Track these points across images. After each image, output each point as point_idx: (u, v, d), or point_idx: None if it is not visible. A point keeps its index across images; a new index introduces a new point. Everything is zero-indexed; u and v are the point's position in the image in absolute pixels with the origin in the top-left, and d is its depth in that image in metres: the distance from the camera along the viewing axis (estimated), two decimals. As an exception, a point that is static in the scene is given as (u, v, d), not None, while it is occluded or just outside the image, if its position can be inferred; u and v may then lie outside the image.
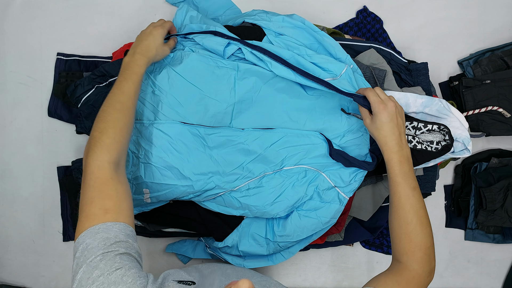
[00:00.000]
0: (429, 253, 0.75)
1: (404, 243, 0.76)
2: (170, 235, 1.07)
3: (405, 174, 0.78)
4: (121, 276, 0.58)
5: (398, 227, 0.78)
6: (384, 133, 0.80)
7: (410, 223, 0.76)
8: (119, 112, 0.75)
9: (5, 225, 1.13)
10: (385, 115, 0.79)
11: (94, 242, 0.60)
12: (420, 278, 0.73)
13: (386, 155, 0.80)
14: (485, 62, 1.13)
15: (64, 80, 1.11)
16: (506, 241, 1.17)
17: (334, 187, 0.91)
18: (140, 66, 0.82)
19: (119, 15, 1.15)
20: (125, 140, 0.75)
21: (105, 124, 0.73)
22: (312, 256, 1.16)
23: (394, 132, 0.80)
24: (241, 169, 0.90)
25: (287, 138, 0.91)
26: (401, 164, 0.79)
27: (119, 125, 0.74)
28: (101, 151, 0.70)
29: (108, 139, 0.71)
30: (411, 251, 0.75)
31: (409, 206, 0.77)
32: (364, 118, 0.84)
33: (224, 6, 1.13)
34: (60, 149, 1.13)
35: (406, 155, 0.80)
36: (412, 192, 0.78)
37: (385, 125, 0.80)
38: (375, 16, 1.18)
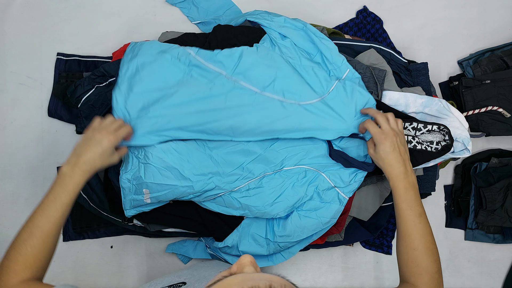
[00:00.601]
0: (436, 278, 0.76)
1: (411, 267, 0.77)
2: (170, 235, 1.07)
3: (411, 201, 0.79)
4: None
5: (405, 253, 0.78)
6: (389, 163, 0.81)
7: (416, 249, 0.77)
8: (37, 239, 0.69)
9: (5, 225, 1.13)
10: (387, 146, 0.80)
11: None
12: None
13: (392, 182, 0.81)
14: (485, 62, 1.13)
15: (64, 80, 1.11)
16: (506, 241, 1.17)
17: (334, 187, 0.91)
18: (77, 185, 0.74)
19: (119, 15, 1.15)
20: (42, 263, 0.71)
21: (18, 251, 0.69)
22: (312, 256, 1.16)
23: (399, 160, 0.80)
24: (241, 170, 0.90)
25: (288, 139, 0.91)
26: (406, 191, 0.79)
27: (34, 251, 0.69)
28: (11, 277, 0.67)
29: (20, 266, 0.68)
30: (418, 274, 0.76)
31: (415, 233, 0.78)
32: (368, 148, 0.86)
33: (224, 6, 1.13)
34: (60, 149, 1.13)
35: (412, 182, 0.81)
36: (418, 219, 0.78)
37: (388, 155, 0.81)
38: (375, 16, 1.18)
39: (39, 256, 0.70)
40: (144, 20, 1.16)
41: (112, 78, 1.01)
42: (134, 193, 0.91)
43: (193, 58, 0.91)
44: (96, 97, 1.01)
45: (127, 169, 0.91)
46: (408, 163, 0.82)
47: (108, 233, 1.12)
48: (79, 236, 1.12)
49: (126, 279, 1.13)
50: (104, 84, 1.02)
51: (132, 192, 0.91)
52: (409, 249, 0.78)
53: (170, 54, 0.91)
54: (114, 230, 1.12)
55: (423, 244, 0.77)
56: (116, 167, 0.94)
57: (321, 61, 0.95)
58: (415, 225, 0.78)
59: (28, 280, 0.68)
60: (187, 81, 0.90)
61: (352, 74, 0.94)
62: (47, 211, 0.72)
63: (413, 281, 0.76)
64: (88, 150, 0.75)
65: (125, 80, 0.90)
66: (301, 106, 0.90)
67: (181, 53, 0.91)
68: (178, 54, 0.91)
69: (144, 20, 1.16)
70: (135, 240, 1.13)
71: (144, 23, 1.16)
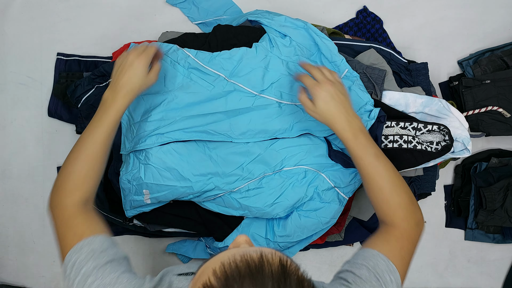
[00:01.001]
0: (410, 208, 0.75)
1: (384, 208, 0.75)
2: (170, 235, 1.07)
3: (364, 146, 0.76)
4: (116, 278, 0.59)
5: (374, 196, 0.77)
6: (330, 113, 0.77)
7: (384, 188, 0.75)
8: (84, 162, 0.73)
9: (6, 225, 1.13)
10: (323, 95, 0.76)
11: (81, 256, 0.61)
12: (408, 234, 0.72)
13: (339, 135, 0.78)
14: (484, 62, 1.13)
15: (64, 80, 1.11)
16: (506, 241, 1.17)
17: (334, 188, 0.91)
18: (119, 109, 0.77)
19: (119, 15, 1.15)
20: (92, 183, 0.74)
21: (71, 168, 0.73)
22: (312, 256, 1.16)
23: (339, 109, 0.76)
24: (241, 170, 0.90)
25: (286, 138, 0.91)
26: (356, 138, 0.76)
27: (84, 170, 0.73)
28: (63, 195, 0.71)
29: (72, 185, 0.72)
30: (393, 212, 0.74)
31: (377, 175, 0.75)
32: (305, 104, 0.80)
33: (225, 6, 1.13)
34: (60, 149, 1.13)
35: (359, 127, 0.77)
36: (376, 161, 0.76)
37: (327, 104, 0.76)
38: (375, 16, 1.18)
39: (87, 178, 0.73)
40: (144, 20, 1.16)
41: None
42: (134, 193, 0.91)
43: (193, 60, 0.92)
44: (96, 97, 1.01)
45: (127, 170, 0.91)
46: (350, 110, 0.78)
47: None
48: (79, 236, 1.12)
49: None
50: (104, 84, 1.02)
51: (132, 192, 0.91)
52: (376, 191, 0.76)
53: (170, 58, 0.92)
54: (114, 230, 1.12)
55: (388, 183, 0.75)
56: (116, 167, 0.94)
57: (319, 60, 0.95)
58: (375, 167, 0.75)
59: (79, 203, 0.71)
60: (187, 84, 0.91)
61: (350, 74, 0.94)
62: (92, 135, 0.75)
63: (390, 221, 0.74)
64: (123, 74, 0.78)
65: None
66: (298, 106, 0.91)
67: (181, 57, 0.92)
68: (178, 57, 0.92)
69: (144, 20, 1.16)
70: (135, 240, 1.13)
71: (144, 23, 1.16)
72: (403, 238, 0.71)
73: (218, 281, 0.40)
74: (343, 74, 0.93)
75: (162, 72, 0.92)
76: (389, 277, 0.63)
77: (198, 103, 0.90)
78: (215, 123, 0.89)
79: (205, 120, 0.89)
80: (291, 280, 0.41)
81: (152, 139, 0.88)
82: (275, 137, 0.90)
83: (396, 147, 0.94)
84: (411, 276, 1.18)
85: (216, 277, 0.41)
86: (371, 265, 0.64)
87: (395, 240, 0.71)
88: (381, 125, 0.91)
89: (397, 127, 0.94)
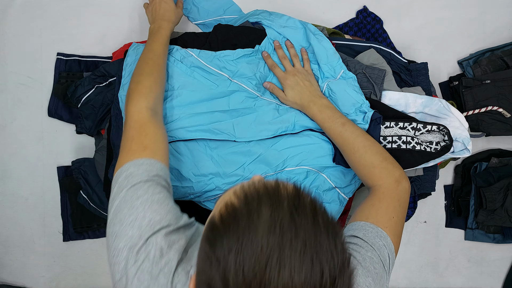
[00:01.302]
0: (385, 166, 0.79)
1: (361, 170, 0.81)
2: (170, 235, 1.07)
3: (330, 118, 0.85)
4: (164, 199, 0.64)
5: (350, 160, 0.84)
6: (298, 98, 0.88)
7: (356, 151, 0.81)
8: (151, 67, 0.83)
9: (6, 226, 1.13)
10: (290, 84, 0.89)
11: (138, 171, 0.66)
12: (389, 191, 0.75)
13: (308, 114, 0.88)
14: (485, 62, 1.13)
15: (64, 80, 1.11)
16: (506, 241, 1.17)
17: (335, 188, 0.91)
18: (165, 29, 0.91)
19: (119, 15, 1.15)
20: (159, 90, 0.83)
21: (140, 77, 0.81)
22: (312, 256, 1.16)
23: (304, 93, 0.88)
24: (242, 170, 0.90)
25: (288, 138, 0.91)
26: (321, 112, 0.86)
27: (153, 76, 0.82)
28: (138, 98, 0.78)
29: (144, 88, 0.79)
30: (369, 173, 0.79)
31: (347, 141, 0.83)
32: (278, 95, 0.91)
33: (224, 5, 1.13)
34: (60, 149, 1.13)
35: (324, 103, 0.87)
36: (343, 128, 0.84)
37: (293, 90, 0.89)
38: (375, 16, 1.18)
39: (155, 85, 0.82)
40: (144, 20, 1.15)
41: (112, 78, 1.01)
42: (134, 193, 0.91)
43: (195, 59, 0.93)
44: (96, 97, 1.01)
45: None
46: (315, 92, 0.89)
47: (108, 233, 1.12)
48: (80, 236, 1.12)
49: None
50: (104, 84, 1.02)
51: (132, 192, 0.91)
52: (351, 156, 0.83)
53: (173, 56, 0.93)
54: (114, 230, 1.12)
55: (358, 145, 0.81)
56: (116, 167, 0.94)
57: (315, 60, 0.95)
58: (343, 134, 0.83)
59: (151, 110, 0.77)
60: (190, 83, 0.92)
61: (346, 75, 0.94)
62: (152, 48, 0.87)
63: (370, 183, 0.79)
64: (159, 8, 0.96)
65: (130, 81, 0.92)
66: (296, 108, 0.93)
67: (184, 55, 0.93)
68: (181, 56, 0.93)
69: (144, 20, 1.15)
70: (135, 240, 1.13)
71: (144, 23, 1.16)
72: (385, 197, 0.74)
73: (238, 200, 0.45)
74: (339, 75, 0.94)
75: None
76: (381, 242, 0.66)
77: (202, 101, 0.91)
78: (218, 122, 0.89)
79: (209, 119, 0.89)
80: (305, 200, 0.45)
81: None
82: (277, 134, 0.91)
83: (395, 147, 0.93)
84: (411, 276, 1.18)
85: (236, 196, 0.45)
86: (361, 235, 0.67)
87: (378, 201, 0.74)
88: (378, 127, 0.91)
89: (396, 127, 0.94)
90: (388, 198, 0.74)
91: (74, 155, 1.12)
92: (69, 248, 1.13)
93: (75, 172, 1.06)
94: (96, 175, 1.03)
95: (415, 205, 1.10)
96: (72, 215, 1.11)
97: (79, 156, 1.11)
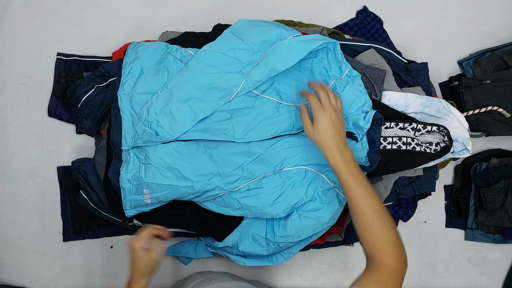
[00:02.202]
0: (398, 245, 0.76)
1: (373, 243, 0.76)
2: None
3: (355, 175, 0.78)
4: None
5: (363, 228, 0.78)
6: (326, 139, 0.80)
7: (372, 221, 0.76)
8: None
9: (5, 226, 1.13)
10: (325, 121, 0.80)
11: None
12: (396, 272, 0.74)
13: (331, 161, 0.80)
14: (485, 62, 1.13)
15: (64, 80, 1.11)
16: (506, 241, 1.17)
17: (334, 188, 0.91)
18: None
19: (119, 15, 1.15)
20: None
21: None
22: (312, 256, 1.16)
23: (335, 137, 0.80)
24: (241, 170, 0.90)
25: (287, 139, 0.91)
26: (348, 167, 0.79)
27: None
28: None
29: None
30: (382, 248, 0.75)
31: (366, 206, 0.77)
32: (305, 124, 0.83)
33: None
34: (60, 149, 1.13)
35: (350, 157, 0.80)
36: (366, 192, 0.78)
37: (326, 130, 0.80)
38: (375, 16, 1.18)
39: None
40: (144, 20, 1.16)
41: (112, 78, 1.01)
42: (135, 193, 0.91)
43: None
44: (96, 97, 1.01)
45: (127, 169, 0.91)
46: (344, 141, 0.81)
47: (108, 233, 1.12)
48: (79, 236, 1.12)
49: (126, 279, 1.13)
50: (104, 84, 1.02)
51: (132, 192, 0.91)
52: (366, 224, 0.77)
53: (173, 56, 0.93)
54: (114, 230, 1.12)
55: (377, 215, 0.76)
56: (116, 167, 0.94)
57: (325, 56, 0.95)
58: (364, 198, 0.77)
59: None
60: None
61: (351, 73, 0.94)
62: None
63: (379, 257, 0.75)
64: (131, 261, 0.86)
65: (129, 80, 0.93)
66: (297, 108, 0.92)
67: (183, 55, 0.93)
68: (181, 55, 0.93)
69: (144, 20, 1.16)
70: (135, 240, 1.13)
71: (144, 23, 1.16)
72: (391, 277, 0.73)
73: None
74: (344, 74, 0.94)
75: (165, 68, 0.93)
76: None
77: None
78: (218, 122, 0.89)
79: (208, 119, 0.89)
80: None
81: None
82: (277, 135, 0.90)
83: (395, 148, 0.93)
84: (411, 276, 1.18)
85: None
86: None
87: (385, 279, 0.72)
88: (379, 127, 0.91)
89: (396, 127, 0.94)
90: (394, 278, 0.73)
91: (74, 155, 1.12)
92: (69, 248, 1.13)
93: (74, 172, 1.06)
94: (96, 175, 1.03)
95: (415, 205, 1.10)
96: (72, 215, 1.11)
97: (79, 156, 1.11)
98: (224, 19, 1.09)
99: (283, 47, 0.88)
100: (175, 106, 0.88)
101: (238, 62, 0.91)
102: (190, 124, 0.88)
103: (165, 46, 0.95)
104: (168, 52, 0.95)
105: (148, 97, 0.92)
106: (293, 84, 0.94)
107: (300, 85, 0.94)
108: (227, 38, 0.93)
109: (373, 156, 0.91)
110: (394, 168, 0.94)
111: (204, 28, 1.13)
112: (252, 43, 0.92)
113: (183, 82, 0.89)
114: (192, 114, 0.88)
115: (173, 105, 0.88)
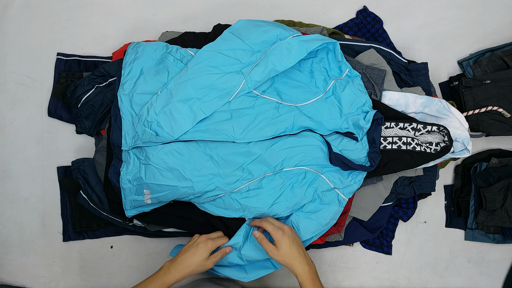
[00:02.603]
0: None
1: None
2: (170, 235, 1.07)
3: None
4: None
5: None
6: (293, 257, 0.84)
7: None
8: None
9: (5, 226, 1.13)
10: (286, 239, 0.84)
11: None
12: None
13: (300, 276, 0.84)
14: (485, 62, 1.13)
15: (64, 80, 1.11)
16: (506, 241, 1.17)
17: (334, 189, 0.91)
18: (167, 282, 0.85)
19: (119, 15, 1.15)
20: None
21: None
22: (312, 256, 1.16)
23: (300, 252, 0.85)
24: (241, 171, 0.90)
25: (287, 139, 0.91)
26: (314, 282, 0.84)
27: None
28: None
29: None
30: None
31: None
32: (269, 250, 0.85)
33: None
34: (60, 149, 1.13)
35: (314, 271, 0.86)
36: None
37: (290, 248, 0.84)
38: (375, 16, 1.18)
39: None
40: (144, 20, 1.16)
41: (112, 78, 1.01)
42: (135, 193, 0.91)
43: None
44: (96, 97, 1.01)
45: (127, 170, 0.91)
46: (306, 254, 0.86)
47: (108, 233, 1.12)
48: (79, 236, 1.12)
49: (126, 279, 1.13)
50: (104, 84, 1.02)
51: (132, 192, 0.91)
52: None
53: (173, 56, 0.93)
54: (114, 230, 1.12)
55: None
56: (116, 167, 0.94)
57: (326, 56, 0.95)
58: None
59: None
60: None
61: (351, 73, 0.94)
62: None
63: None
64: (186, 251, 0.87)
65: (129, 81, 0.93)
66: (297, 108, 0.92)
67: (184, 55, 0.93)
68: (181, 56, 0.93)
69: (144, 20, 1.16)
70: (135, 240, 1.13)
71: (144, 23, 1.16)
72: None
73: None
74: (344, 74, 0.94)
75: (165, 68, 0.93)
76: None
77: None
78: (218, 122, 0.89)
79: (208, 119, 0.89)
80: None
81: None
82: (277, 135, 0.90)
83: (395, 148, 0.93)
84: (411, 276, 1.18)
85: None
86: None
87: None
88: (379, 127, 0.91)
89: (396, 127, 0.94)
90: None
91: (74, 155, 1.12)
92: (69, 248, 1.13)
93: (74, 172, 1.06)
94: (96, 175, 1.04)
95: (415, 205, 1.10)
96: (72, 215, 1.11)
97: (79, 156, 1.11)
98: (224, 19, 1.09)
99: (283, 47, 0.88)
100: (175, 107, 0.88)
101: (238, 62, 0.91)
102: (190, 125, 0.88)
103: (165, 46, 0.96)
104: (168, 52, 0.95)
105: (148, 97, 0.92)
106: (293, 84, 0.94)
107: (300, 85, 0.94)
108: (227, 38, 0.93)
109: (373, 156, 0.91)
110: (394, 168, 0.94)
111: (204, 28, 1.13)
112: (252, 43, 0.92)
113: (183, 82, 0.89)
114: (192, 114, 0.88)
115: (173, 106, 0.88)
